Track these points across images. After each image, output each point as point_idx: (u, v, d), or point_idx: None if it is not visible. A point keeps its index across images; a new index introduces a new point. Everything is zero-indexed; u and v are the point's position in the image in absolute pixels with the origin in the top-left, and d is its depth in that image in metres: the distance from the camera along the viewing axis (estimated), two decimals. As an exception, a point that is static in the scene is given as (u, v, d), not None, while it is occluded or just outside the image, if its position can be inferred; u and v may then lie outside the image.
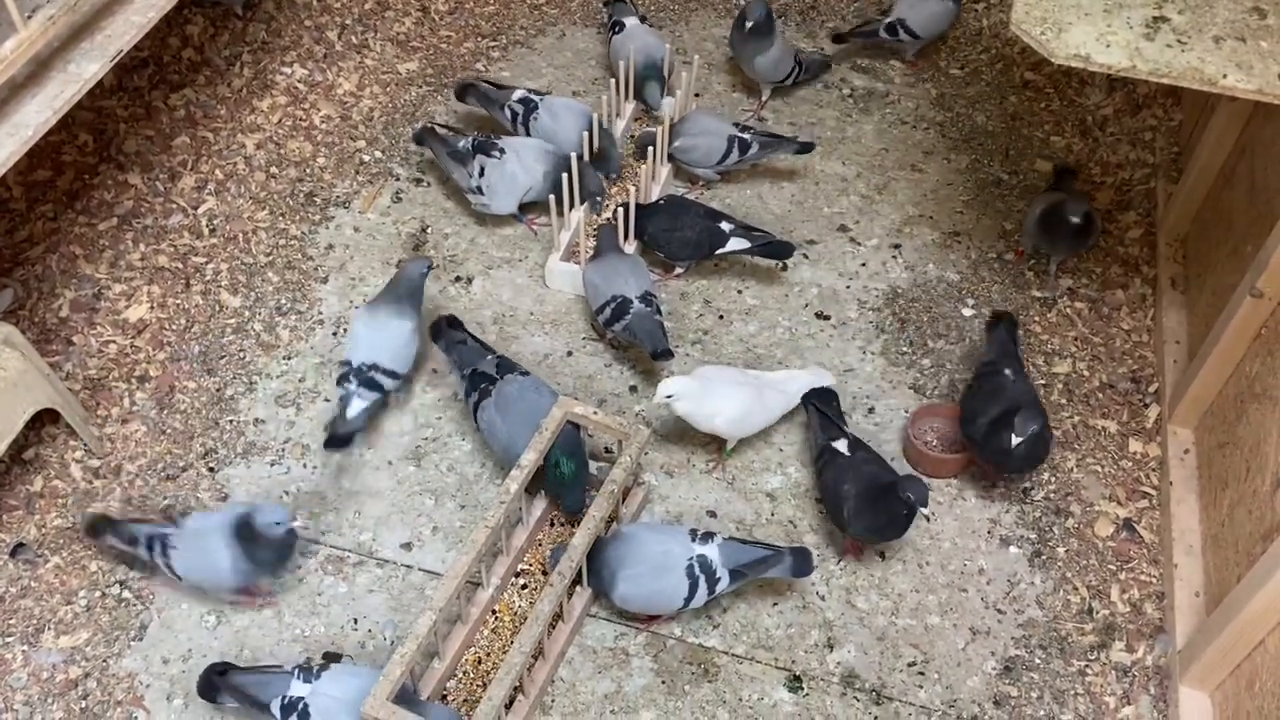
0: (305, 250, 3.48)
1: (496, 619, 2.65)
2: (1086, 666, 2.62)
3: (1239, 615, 2.25)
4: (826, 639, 2.66)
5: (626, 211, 3.28)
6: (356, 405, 2.90)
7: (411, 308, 3.01)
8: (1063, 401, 3.10)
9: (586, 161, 3.44)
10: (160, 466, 2.94)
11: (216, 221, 3.52)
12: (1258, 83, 2.22)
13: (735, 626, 2.68)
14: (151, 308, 3.28)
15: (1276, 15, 2.33)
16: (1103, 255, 3.45)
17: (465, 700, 2.51)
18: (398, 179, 3.72)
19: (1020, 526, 2.87)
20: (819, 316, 3.34)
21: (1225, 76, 2.23)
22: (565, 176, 3.28)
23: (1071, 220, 3.11)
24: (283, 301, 3.33)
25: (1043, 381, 3.15)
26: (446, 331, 3.01)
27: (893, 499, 2.59)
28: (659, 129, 3.47)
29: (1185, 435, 2.94)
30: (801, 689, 2.58)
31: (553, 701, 2.56)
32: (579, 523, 2.58)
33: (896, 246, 3.52)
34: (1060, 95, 4.00)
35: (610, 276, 3.10)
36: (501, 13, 4.32)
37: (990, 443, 2.73)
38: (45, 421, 2.94)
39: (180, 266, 3.39)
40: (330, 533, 2.82)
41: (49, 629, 2.64)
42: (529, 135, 3.59)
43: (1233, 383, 2.74)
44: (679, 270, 3.40)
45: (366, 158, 3.76)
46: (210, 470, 2.95)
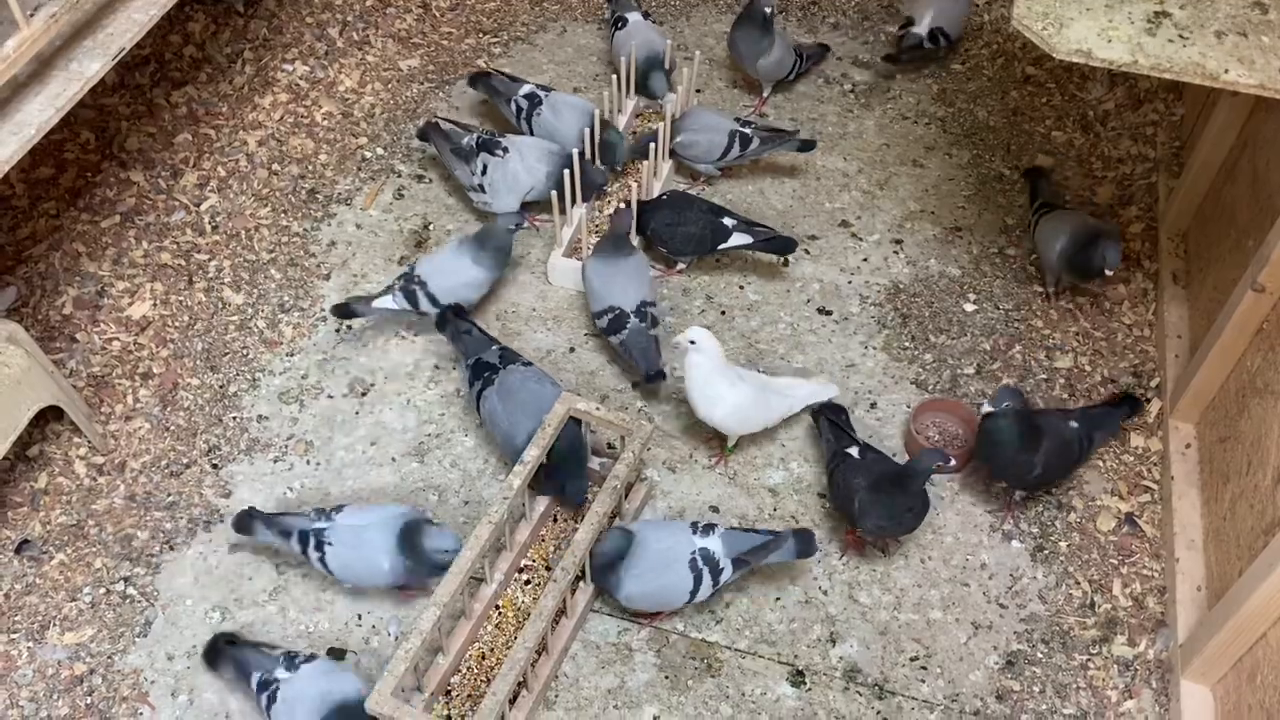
0: (307, 247, 3.48)
1: (500, 614, 2.66)
2: (1088, 661, 2.63)
3: (1240, 609, 2.25)
4: (829, 634, 2.67)
5: (629, 208, 3.28)
6: (385, 301, 3.10)
7: (490, 259, 3.15)
8: (1064, 396, 3.11)
9: (588, 159, 3.44)
10: (164, 463, 2.95)
11: (219, 218, 3.52)
12: (1259, 78, 2.22)
13: (738, 621, 2.69)
14: (154, 305, 3.29)
15: (1278, 10, 2.33)
16: (1104, 250, 3.45)
17: (469, 695, 2.52)
18: (399, 175, 3.72)
19: (1022, 521, 2.87)
20: (821, 312, 3.34)
21: (1227, 72, 2.23)
22: (567, 172, 3.29)
23: (1108, 260, 3.03)
24: (285, 298, 3.34)
25: (1044, 377, 3.15)
26: (452, 321, 3.02)
27: (904, 488, 2.60)
28: (660, 125, 3.48)
29: (1187, 430, 2.94)
30: (804, 684, 2.59)
31: (556, 696, 2.57)
32: (582, 516, 2.59)
33: (898, 242, 3.52)
34: (1062, 90, 4.00)
35: (609, 283, 3.09)
36: (503, 9, 4.32)
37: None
38: (49, 419, 2.95)
39: (183, 264, 3.40)
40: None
41: (54, 625, 2.65)
42: (531, 130, 3.59)
43: (1234, 377, 2.74)
44: (681, 266, 3.41)
45: (368, 154, 3.77)
46: (214, 467, 2.95)
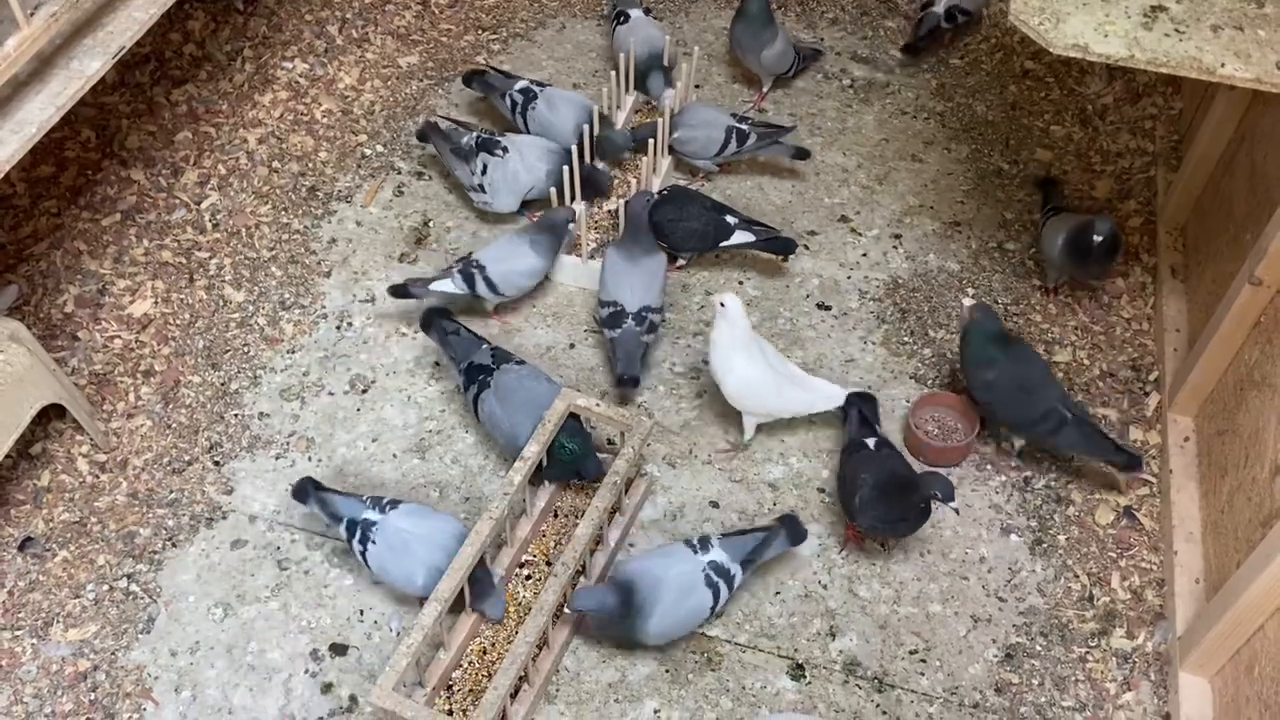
0: (308, 244, 3.49)
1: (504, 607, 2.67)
2: (1087, 653, 2.64)
3: (1238, 601, 2.26)
4: (829, 627, 2.68)
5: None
6: (444, 283, 3.15)
7: (546, 249, 3.22)
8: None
9: (592, 165, 3.44)
10: (166, 460, 2.97)
11: (219, 216, 3.53)
12: (1255, 71, 2.23)
13: (738, 616, 2.70)
14: (156, 303, 3.30)
15: (1274, 3, 2.34)
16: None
17: (471, 690, 2.53)
18: (399, 173, 3.73)
19: (1021, 515, 2.88)
20: (820, 307, 3.35)
21: (1223, 65, 2.24)
22: (566, 169, 3.30)
23: (1100, 240, 3.02)
24: (286, 296, 3.35)
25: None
26: (438, 323, 3.02)
27: (907, 495, 2.58)
28: (659, 121, 3.48)
29: (1185, 423, 2.95)
30: (804, 677, 2.60)
31: (557, 691, 2.58)
32: (582, 513, 2.60)
33: (897, 237, 3.53)
34: (1060, 84, 4.01)
35: (619, 278, 3.07)
36: (502, 5, 4.33)
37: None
38: (51, 417, 2.97)
39: (184, 261, 3.41)
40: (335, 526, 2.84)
41: (57, 622, 2.66)
42: (526, 125, 3.60)
43: (1232, 370, 2.75)
44: (681, 261, 3.41)
45: (368, 152, 3.78)
46: (216, 464, 2.97)
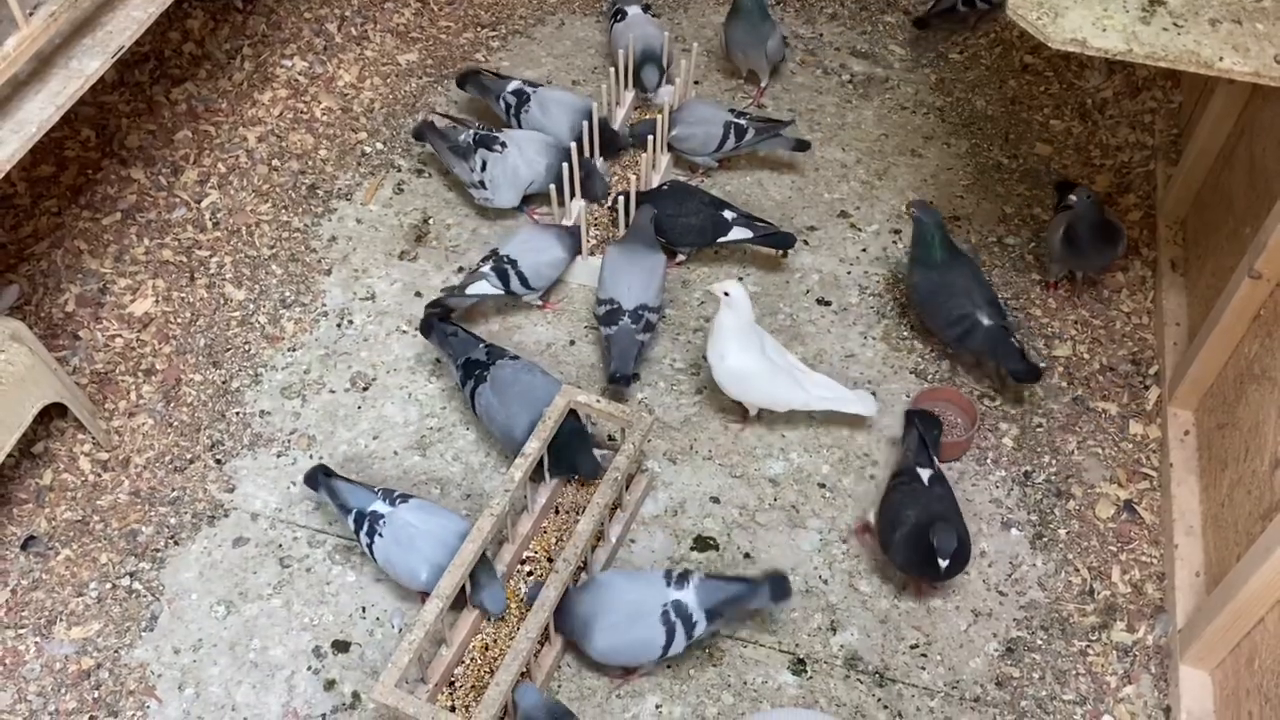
0: (308, 242, 3.50)
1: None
2: (1088, 647, 2.65)
3: (1238, 594, 2.26)
4: (829, 622, 2.69)
5: (628, 200, 3.29)
6: (480, 286, 3.14)
7: (570, 242, 3.26)
8: (1063, 384, 3.12)
9: (591, 161, 3.44)
10: (168, 459, 2.97)
11: (220, 215, 3.54)
12: (1254, 65, 2.23)
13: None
14: (156, 301, 3.30)
15: (1272, -3, 2.34)
16: (1103, 238, 3.46)
17: (473, 686, 2.53)
18: (399, 170, 3.73)
19: (1021, 509, 2.89)
20: (820, 302, 3.35)
21: (1221, 59, 2.24)
22: (565, 166, 3.30)
23: (1078, 193, 3.03)
24: (286, 294, 3.35)
25: (1043, 365, 3.16)
26: (438, 326, 3.02)
27: (928, 528, 2.52)
28: (658, 118, 3.48)
29: (1185, 417, 2.95)
30: (805, 672, 2.61)
31: (559, 687, 2.58)
32: (583, 509, 2.60)
33: (897, 232, 3.53)
34: (1059, 78, 4.01)
35: (618, 275, 3.08)
36: (501, 2, 4.32)
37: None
38: (53, 416, 2.97)
39: (184, 260, 3.41)
40: (337, 523, 2.85)
41: (61, 620, 2.67)
42: (520, 127, 3.60)
43: (1232, 364, 2.75)
44: (681, 257, 3.42)
45: (368, 149, 3.78)
46: (217, 462, 2.97)
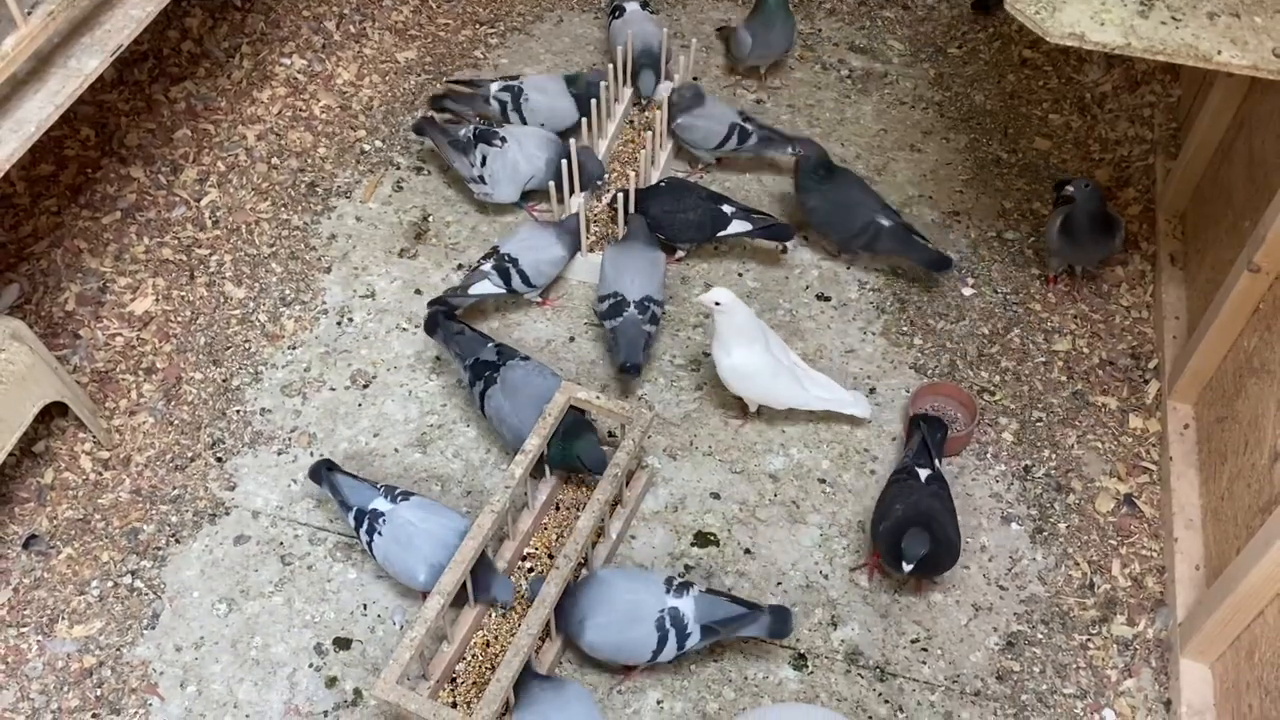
0: (308, 240, 3.50)
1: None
2: (1088, 640, 2.65)
3: (1238, 587, 2.27)
4: (830, 617, 2.69)
5: (626, 197, 3.29)
6: (482, 286, 3.14)
7: (569, 239, 3.26)
8: (1063, 379, 3.12)
9: (587, 147, 3.45)
10: (169, 457, 2.98)
11: (219, 213, 3.54)
12: (1252, 58, 2.23)
13: (740, 606, 2.71)
14: (157, 300, 3.30)
15: (1270, -10, 2.34)
16: (1102, 232, 3.46)
17: (475, 683, 2.54)
18: (398, 168, 3.73)
19: (1021, 503, 2.89)
20: (820, 298, 3.35)
21: (1219, 53, 2.24)
22: (565, 162, 3.30)
23: (1074, 183, 3.04)
24: (286, 292, 3.36)
25: (1043, 359, 3.16)
26: (444, 324, 3.02)
27: (905, 526, 2.53)
28: (658, 114, 3.48)
29: (1185, 410, 2.95)
30: (806, 667, 2.61)
31: (561, 683, 2.59)
32: (583, 505, 2.60)
33: (896, 227, 3.53)
34: (1058, 73, 4.01)
35: (620, 270, 3.09)
36: (499, -1, 4.33)
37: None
38: (54, 415, 2.98)
39: (184, 259, 3.42)
40: (338, 520, 2.85)
41: (63, 619, 2.68)
42: (523, 121, 3.60)
43: (1231, 358, 2.75)
44: (680, 253, 3.42)
45: (367, 147, 3.78)
46: (218, 460, 2.98)
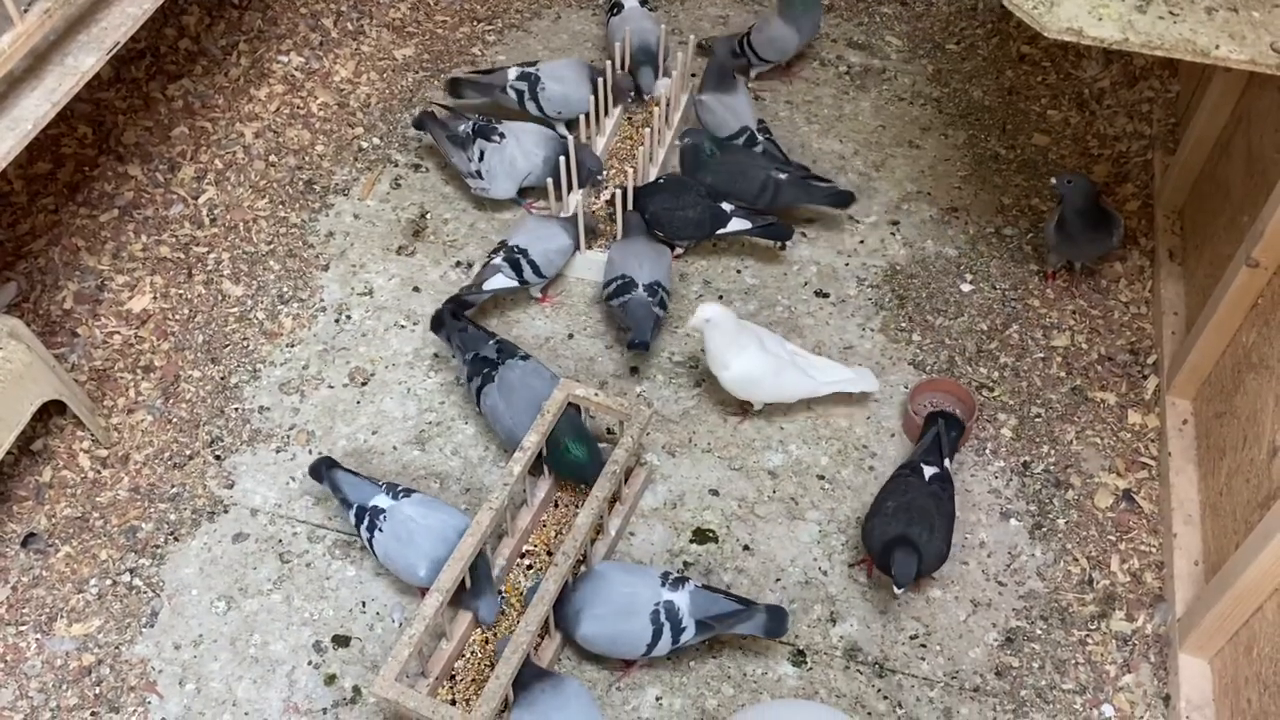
0: (305, 238, 3.50)
1: (503, 599, 2.68)
2: (1087, 636, 2.65)
3: (1237, 582, 2.27)
4: (829, 613, 2.69)
5: (625, 194, 3.29)
6: (496, 280, 3.15)
7: (573, 230, 3.26)
8: (1062, 374, 3.12)
9: (586, 145, 3.45)
10: (167, 455, 2.97)
11: (217, 211, 3.54)
12: (1250, 53, 2.22)
13: (739, 603, 2.71)
14: (154, 298, 3.30)
15: (1268, -15, 2.33)
16: (1100, 228, 3.46)
17: (473, 680, 2.54)
18: (396, 165, 3.73)
19: (1020, 499, 2.89)
20: (818, 294, 3.35)
21: (1218, 48, 2.23)
22: (563, 159, 3.30)
23: (1056, 187, 3.05)
24: (284, 289, 3.35)
25: (1042, 355, 3.16)
26: (449, 322, 3.02)
27: (908, 542, 2.51)
28: (655, 111, 3.48)
29: (1183, 406, 2.95)
30: (805, 663, 2.61)
31: (560, 680, 2.59)
32: (582, 501, 2.60)
33: (895, 223, 3.53)
34: (1057, 68, 4.00)
35: (628, 257, 3.12)
36: (496, -4, 4.32)
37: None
38: (52, 413, 2.97)
39: (182, 256, 3.41)
40: (337, 518, 2.85)
41: (61, 617, 2.67)
42: (540, 109, 3.60)
43: (1230, 353, 2.75)
44: (679, 250, 3.42)
45: (365, 144, 3.78)
46: (217, 458, 2.97)
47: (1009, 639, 2.65)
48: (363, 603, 2.72)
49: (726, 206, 3.27)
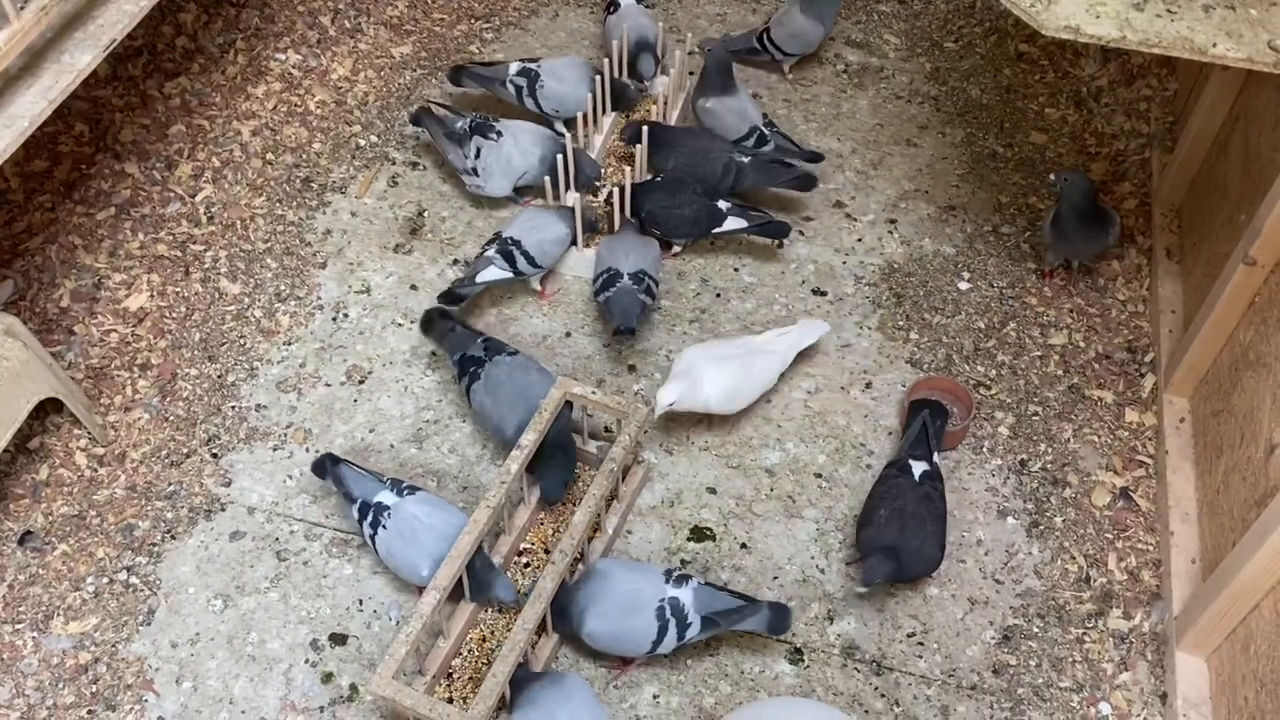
0: (303, 236, 3.49)
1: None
2: (1084, 634, 2.65)
3: (1234, 580, 2.27)
4: (826, 611, 2.69)
5: (622, 192, 3.29)
6: (489, 273, 3.14)
7: (569, 219, 3.26)
8: (1059, 373, 3.12)
9: (581, 149, 3.45)
10: (164, 453, 2.97)
11: (214, 209, 3.53)
12: (1247, 51, 2.22)
13: (736, 601, 2.71)
14: (151, 296, 3.30)
15: (1266, -17, 2.33)
16: (1098, 226, 3.46)
17: (471, 678, 2.54)
18: (393, 163, 3.72)
19: (1018, 497, 2.89)
20: (816, 293, 3.35)
21: (1215, 45, 2.23)
22: (560, 158, 3.30)
23: (1052, 177, 3.06)
24: (282, 287, 3.35)
25: (1039, 353, 3.16)
26: (438, 322, 3.02)
27: (897, 552, 2.53)
28: (652, 109, 3.48)
29: (1181, 404, 2.95)
30: (802, 661, 2.61)
31: (557, 678, 2.59)
32: (579, 499, 2.60)
33: (892, 221, 3.53)
34: (1055, 67, 4.00)
35: (614, 250, 3.14)
36: (494, -6, 4.32)
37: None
38: (49, 411, 2.97)
39: (179, 255, 3.41)
40: (334, 516, 2.85)
41: (58, 615, 2.67)
42: (538, 106, 3.60)
43: (1227, 351, 2.75)
44: (676, 248, 3.41)
45: (362, 142, 3.77)
46: (214, 456, 2.97)
47: (1006, 637, 2.65)
48: (360, 601, 2.71)
49: (723, 204, 3.27)
